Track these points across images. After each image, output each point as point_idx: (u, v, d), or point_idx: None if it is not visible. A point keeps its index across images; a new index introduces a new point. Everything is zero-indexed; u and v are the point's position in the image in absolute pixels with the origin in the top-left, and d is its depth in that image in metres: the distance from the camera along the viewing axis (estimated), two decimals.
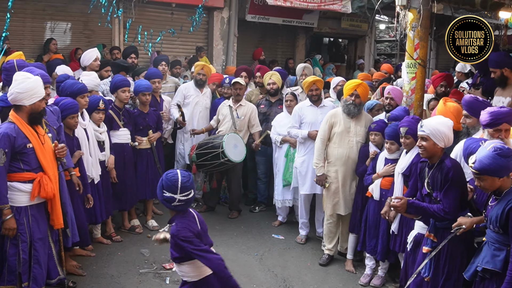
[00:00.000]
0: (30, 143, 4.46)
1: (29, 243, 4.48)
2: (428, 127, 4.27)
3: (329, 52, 17.02)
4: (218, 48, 12.28)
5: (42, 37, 10.34)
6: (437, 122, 4.32)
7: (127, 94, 6.67)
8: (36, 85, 4.46)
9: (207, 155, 7.15)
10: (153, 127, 7.03)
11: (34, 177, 4.49)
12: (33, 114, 4.51)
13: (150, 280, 5.69)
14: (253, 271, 6.05)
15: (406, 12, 6.47)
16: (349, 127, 6.07)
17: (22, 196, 4.46)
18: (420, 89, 6.48)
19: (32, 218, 4.50)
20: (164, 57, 9.39)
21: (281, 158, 7.37)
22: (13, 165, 4.42)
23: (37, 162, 4.51)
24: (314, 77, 6.95)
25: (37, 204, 4.56)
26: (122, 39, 11.15)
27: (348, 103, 6.09)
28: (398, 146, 5.42)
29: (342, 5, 12.73)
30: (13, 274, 4.43)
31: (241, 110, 7.58)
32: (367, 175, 5.70)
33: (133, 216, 7.14)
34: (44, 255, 4.57)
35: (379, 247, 5.56)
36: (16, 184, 4.44)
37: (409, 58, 6.49)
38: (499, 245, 3.63)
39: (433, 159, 4.33)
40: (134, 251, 6.39)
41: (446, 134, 4.25)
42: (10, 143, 4.32)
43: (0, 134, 4.32)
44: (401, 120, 5.53)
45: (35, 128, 4.58)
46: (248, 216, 7.91)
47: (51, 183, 4.54)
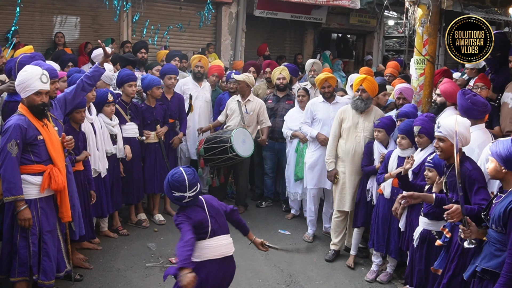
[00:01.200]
0: (40, 135, 4.46)
1: (39, 235, 4.48)
2: (445, 128, 4.15)
3: (338, 48, 16.96)
4: (226, 43, 12.28)
5: (51, 31, 10.39)
6: (454, 123, 4.12)
7: (133, 89, 6.67)
8: (29, 78, 4.39)
9: (215, 149, 7.14)
10: (161, 121, 7.03)
11: (44, 169, 4.48)
12: (31, 108, 4.47)
13: (156, 274, 5.70)
14: (259, 266, 6.05)
15: (415, 8, 6.44)
16: (357, 123, 6.05)
17: (32, 189, 4.46)
18: (428, 85, 6.46)
19: (41, 211, 4.50)
20: (178, 53, 9.41)
21: (292, 152, 7.39)
22: (24, 157, 4.42)
23: (47, 154, 4.51)
24: (326, 73, 6.87)
25: (46, 196, 4.56)
26: (130, 34, 11.19)
27: (355, 99, 6.09)
28: (410, 142, 5.36)
29: (350, 1, 12.67)
30: (24, 266, 4.43)
31: (250, 106, 7.57)
32: (379, 174, 5.64)
33: (140, 210, 7.15)
34: (53, 248, 4.57)
35: (392, 244, 5.53)
36: (26, 177, 4.43)
37: (417, 54, 6.46)
38: (500, 245, 3.54)
39: (451, 160, 4.15)
40: (140, 245, 6.41)
41: (464, 135, 4.10)
42: (22, 134, 4.33)
43: (12, 125, 4.32)
44: (410, 117, 5.52)
45: (43, 120, 4.57)
46: (255, 211, 7.91)
47: (61, 175, 4.54)
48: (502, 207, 3.48)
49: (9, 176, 4.29)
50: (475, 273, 3.71)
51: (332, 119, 6.45)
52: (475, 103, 4.75)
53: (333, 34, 17.11)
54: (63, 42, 9.92)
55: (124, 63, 8.08)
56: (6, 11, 9.80)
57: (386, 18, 16.83)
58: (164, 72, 7.45)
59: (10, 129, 4.32)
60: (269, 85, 8.45)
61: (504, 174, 3.56)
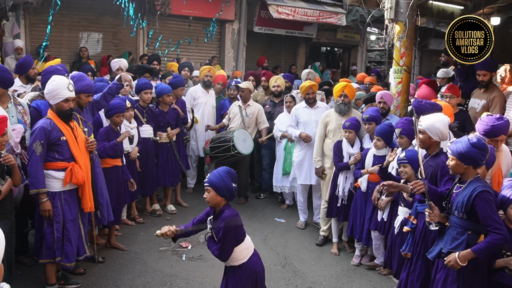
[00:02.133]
0: (63, 136, 4.47)
1: (62, 223, 4.50)
2: (425, 123, 4.16)
3: (326, 59, 16.93)
4: (229, 56, 12.29)
5: (77, 45, 10.39)
6: (433, 119, 4.18)
7: (149, 96, 6.65)
8: (58, 87, 4.40)
9: (219, 148, 7.13)
10: (173, 124, 7.00)
11: (66, 166, 4.49)
12: (59, 113, 4.49)
13: (168, 257, 5.70)
14: (258, 250, 5.92)
15: (394, 25, 6.44)
16: (341, 124, 6.04)
17: (56, 183, 4.48)
18: (405, 92, 6.46)
19: (64, 202, 4.51)
20: (188, 64, 9.39)
21: (281, 151, 7.40)
22: (49, 155, 4.45)
23: (70, 153, 4.52)
24: (310, 82, 6.89)
25: (69, 190, 4.56)
26: (145, 47, 11.19)
27: (338, 103, 6.09)
28: (384, 143, 5.31)
29: (337, 19, 12.73)
30: (50, 250, 4.46)
31: (249, 110, 7.56)
32: (357, 169, 5.60)
33: (154, 201, 7.14)
34: (74, 235, 4.57)
35: (364, 233, 5.51)
36: (51, 172, 4.46)
37: (396, 65, 6.46)
38: (461, 229, 3.59)
39: (429, 151, 4.24)
40: (154, 232, 6.34)
41: (441, 130, 4.12)
42: (46, 135, 4.36)
43: (38, 128, 4.38)
44: (377, 120, 5.56)
45: (70, 123, 4.58)
46: (254, 202, 7.89)
47: (82, 171, 4.53)
48: (465, 196, 3.51)
49: (34, 171, 4.33)
50: (440, 254, 3.72)
51: (314, 121, 6.51)
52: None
53: (323, 47, 17.09)
54: (86, 55, 9.92)
55: (142, 71, 8.07)
56: (39, 28, 9.80)
57: (369, 34, 16.85)
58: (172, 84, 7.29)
59: (36, 131, 4.37)
60: (266, 92, 8.45)
61: (465, 169, 3.60)
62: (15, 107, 4.88)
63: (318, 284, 5.23)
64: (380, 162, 5.16)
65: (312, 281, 5.31)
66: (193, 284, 5.06)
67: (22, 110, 4.96)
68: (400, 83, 6.44)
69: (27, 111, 5.01)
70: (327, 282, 5.30)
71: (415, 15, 6.39)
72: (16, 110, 4.88)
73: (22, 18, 9.54)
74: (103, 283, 4.99)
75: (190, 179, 8.15)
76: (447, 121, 4.23)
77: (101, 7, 10.31)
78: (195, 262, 5.56)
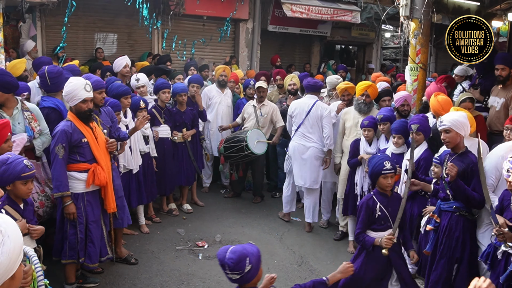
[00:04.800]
0: (85, 138, 4.48)
1: (85, 224, 4.53)
2: (449, 120, 4.10)
3: (341, 57, 16.84)
4: (244, 55, 12.30)
5: (93, 46, 10.48)
6: (455, 114, 4.16)
7: (167, 95, 6.69)
8: (75, 89, 4.38)
9: (233, 148, 7.15)
10: (189, 124, 7.03)
11: (89, 168, 4.51)
12: (79, 114, 4.49)
13: (185, 256, 5.73)
14: (274, 249, 6.05)
15: (409, 22, 6.40)
16: (358, 122, 6.01)
17: (79, 184, 4.50)
18: (421, 89, 6.42)
19: (87, 203, 4.54)
20: (193, 63, 9.44)
21: None
22: (71, 157, 4.47)
23: (91, 154, 4.53)
24: (346, 83, 6.78)
25: (92, 191, 4.59)
26: (160, 47, 11.25)
27: (359, 102, 6.04)
28: (404, 140, 5.28)
29: (352, 16, 12.64)
30: (73, 250, 4.49)
31: (264, 109, 7.54)
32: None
33: (170, 200, 7.17)
34: (97, 236, 4.61)
35: None
36: (74, 174, 4.48)
37: (411, 62, 6.42)
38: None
39: (456, 149, 4.16)
40: (171, 231, 6.43)
41: (465, 123, 4.10)
42: (67, 138, 4.36)
43: (59, 131, 4.37)
44: (391, 120, 5.49)
45: (90, 124, 4.60)
46: (270, 201, 7.89)
47: (104, 172, 4.55)
48: None
49: (57, 175, 4.35)
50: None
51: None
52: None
53: (337, 45, 17.00)
54: (103, 56, 9.99)
55: (160, 73, 8.13)
56: (55, 30, 9.92)
57: (383, 31, 16.70)
58: (189, 81, 7.53)
59: (57, 135, 4.37)
60: (280, 91, 8.44)
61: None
62: (22, 113, 4.66)
63: (334, 283, 5.21)
64: (398, 160, 5.12)
65: None
66: (209, 283, 5.09)
67: (30, 116, 4.70)
68: (416, 80, 6.40)
69: (37, 117, 4.80)
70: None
71: (430, 12, 6.34)
72: (23, 116, 4.66)
73: (39, 20, 9.66)
74: (120, 282, 5.04)
75: (205, 179, 8.18)
76: (465, 115, 4.20)
77: (116, 8, 10.39)
78: (211, 261, 5.58)
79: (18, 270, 1.92)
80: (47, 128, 4.81)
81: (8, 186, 3.45)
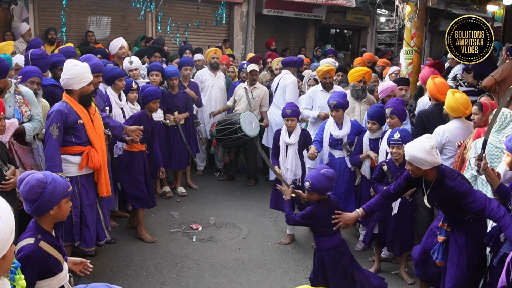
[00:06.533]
0: (80, 119, 4.43)
1: (80, 208, 4.51)
2: (407, 154, 3.71)
3: (336, 41, 16.76)
4: (238, 39, 12.22)
5: (85, 29, 10.36)
6: (413, 148, 3.68)
7: (154, 78, 6.67)
8: (84, 71, 4.38)
9: (225, 130, 7.11)
10: (181, 107, 6.99)
11: (82, 150, 4.47)
12: (83, 96, 4.46)
13: (179, 238, 5.73)
14: (269, 231, 6.06)
15: (405, 5, 6.37)
16: (354, 107, 5.98)
17: (72, 167, 4.46)
18: (415, 73, 6.41)
19: (81, 187, 4.51)
20: (188, 46, 9.39)
21: None
22: (66, 139, 4.41)
23: (86, 136, 4.49)
24: (328, 66, 6.65)
25: (86, 174, 4.56)
26: (154, 31, 11.15)
27: (357, 88, 6.00)
28: (379, 126, 5.22)
29: (347, 0, 12.58)
30: (69, 234, 4.46)
31: (256, 92, 7.50)
32: (354, 155, 5.45)
33: (164, 183, 7.16)
34: (92, 220, 4.58)
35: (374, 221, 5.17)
36: (67, 157, 4.44)
37: (406, 45, 6.40)
38: None
39: (427, 178, 3.78)
40: (165, 214, 6.43)
41: (424, 158, 3.60)
42: (63, 118, 4.31)
43: (54, 111, 4.33)
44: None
45: (90, 107, 4.56)
46: (264, 184, 7.87)
47: (98, 155, 4.52)
48: None
49: (50, 155, 4.29)
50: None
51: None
52: None
53: (332, 29, 16.92)
54: (93, 39, 9.88)
55: (153, 51, 8.13)
56: (47, 12, 9.80)
57: (378, 15, 16.63)
58: (180, 64, 7.48)
59: (53, 114, 4.32)
60: (272, 74, 8.44)
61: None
62: (14, 97, 4.56)
63: None
64: (375, 145, 5.15)
65: None
66: (203, 265, 5.10)
67: (21, 100, 4.58)
68: (410, 64, 6.38)
69: (30, 102, 4.65)
70: None
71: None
72: (15, 99, 4.55)
73: (31, 3, 9.52)
74: (114, 264, 5.04)
75: (199, 162, 8.17)
76: (429, 146, 3.63)
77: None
78: (205, 244, 5.59)
79: (9, 251, 1.91)
80: (40, 115, 4.72)
81: (52, 209, 2.74)
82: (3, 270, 1.92)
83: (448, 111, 4.89)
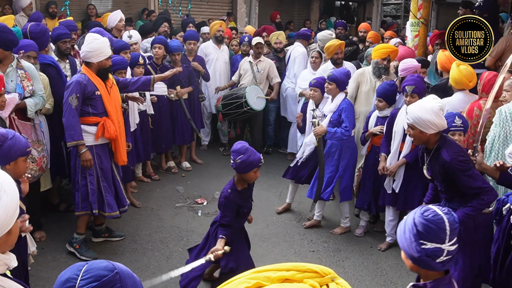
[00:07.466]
0: (98, 90, 4.51)
1: (96, 176, 4.58)
2: (411, 115, 3.44)
3: (341, 14, 16.52)
4: (242, 11, 12.07)
5: (87, 3, 10.24)
6: (419, 109, 3.40)
7: (157, 50, 6.59)
8: (103, 46, 4.49)
9: (231, 105, 7.07)
10: (184, 82, 6.92)
11: (99, 121, 4.56)
12: (101, 70, 4.55)
13: (184, 213, 5.77)
14: (273, 205, 6.08)
15: None
16: (375, 87, 5.54)
17: (89, 137, 4.53)
18: (422, 45, 6.33)
19: (97, 156, 4.59)
20: (191, 19, 9.26)
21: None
22: (83, 109, 4.50)
23: (103, 107, 4.57)
24: (338, 40, 6.44)
25: (101, 144, 4.64)
26: (156, 3, 11.01)
27: (380, 66, 5.57)
28: (386, 104, 4.96)
29: None
30: (86, 202, 4.56)
31: (261, 65, 7.42)
32: (362, 133, 5.27)
33: (169, 158, 7.18)
34: (109, 186, 4.66)
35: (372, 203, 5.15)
36: (84, 127, 4.51)
37: (413, 17, 6.29)
38: None
39: (429, 145, 3.53)
40: (170, 188, 6.46)
41: (431, 121, 3.34)
42: (81, 89, 4.40)
43: (74, 81, 4.42)
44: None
45: (107, 81, 4.64)
46: (269, 158, 7.81)
47: (114, 126, 4.60)
48: None
49: (70, 124, 4.39)
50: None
51: None
52: None
53: (337, 1, 16.68)
54: (95, 13, 9.75)
55: (162, 21, 8.32)
56: None
57: None
58: (185, 38, 7.40)
59: (72, 85, 4.40)
60: (269, 47, 8.36)
61: None
62: (16, 71, 4.51)
63: (332, 238, 5.28)
64: (382, 123, 4.96)
65: (327, 235, 5.35)
66: None
67: (23, 74, 4.54)
68: (417, 36, 6.28)
69: (32, 76, 4.62)
70: (341, 236, 5.34)
71: None
72: (16, 74, 4.51)
73: None
74: None
75: (204, 136, 8.15)
76: (437, 108, 3.38)
77: None
78: (210, 218, 5.59)
79: (15, 226, 1.91)
80: (42, 90, 4.71)
81: (9, 164, 3.00)
82: (9, 245, 1.92)
83: (452, 83, 4.83)
